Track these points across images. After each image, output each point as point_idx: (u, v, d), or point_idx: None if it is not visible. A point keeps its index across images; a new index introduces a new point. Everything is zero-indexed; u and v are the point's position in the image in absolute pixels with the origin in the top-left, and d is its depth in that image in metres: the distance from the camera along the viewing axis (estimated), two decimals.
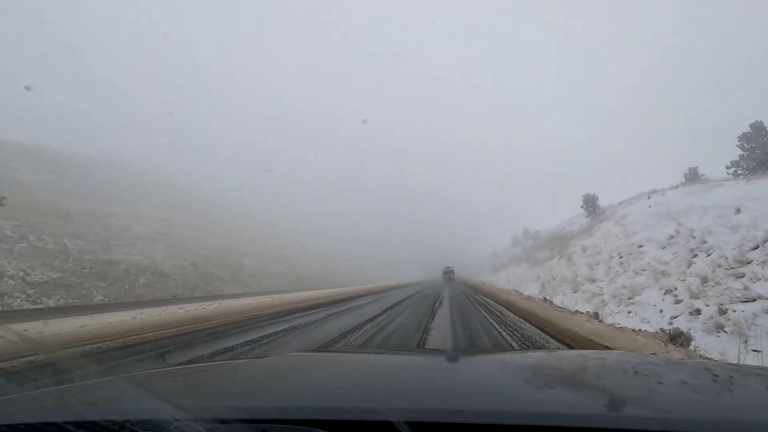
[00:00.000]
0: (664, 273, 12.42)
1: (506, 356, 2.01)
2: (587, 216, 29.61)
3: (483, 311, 10.12)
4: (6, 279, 12.69)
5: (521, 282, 25.69)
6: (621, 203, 27.53)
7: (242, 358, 4.12)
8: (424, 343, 5.79)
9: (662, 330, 6.11)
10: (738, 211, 13.11)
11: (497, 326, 7.32)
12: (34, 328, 6.33)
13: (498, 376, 1.42)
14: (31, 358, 4.34)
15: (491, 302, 12.85)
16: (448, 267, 54.54)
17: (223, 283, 24.70)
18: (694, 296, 9.71)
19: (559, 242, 28.34)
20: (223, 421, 0.76)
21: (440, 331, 6.77)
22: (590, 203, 29.49)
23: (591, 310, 10.38)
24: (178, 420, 0.75)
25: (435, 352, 4.26)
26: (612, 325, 7.55)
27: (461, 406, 0.93)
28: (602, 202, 29.89)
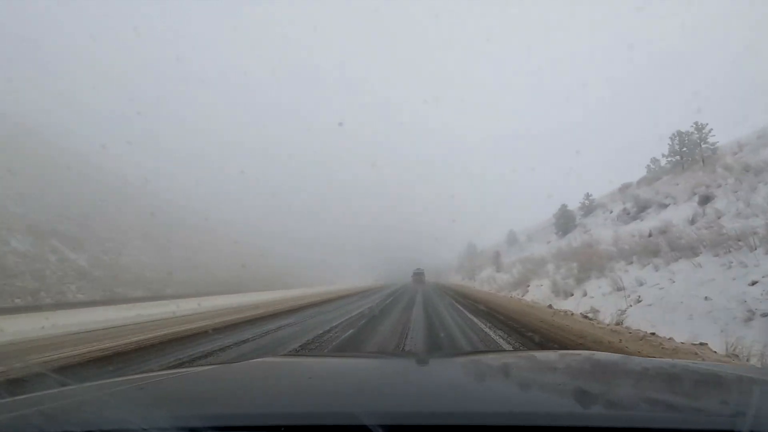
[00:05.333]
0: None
1: (480, 358, 2.04)
2: None
3: None
4: None
5: None
6: None
7: (212, 364, 4.01)
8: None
9: None
10: None
11: None
12: None
13: (472, 378, 1.44)
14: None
15: None
16: (418, 269, 54.50)
17: None
18: None
19: None
20: (193, 430, 0.74)
21: None
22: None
23: None
24: (144, 429, 0.72)
25: (410, 354, 4.28)
26: None
27: (436, 408, 0.94)
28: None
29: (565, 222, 29.32)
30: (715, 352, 4.85)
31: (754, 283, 6.90)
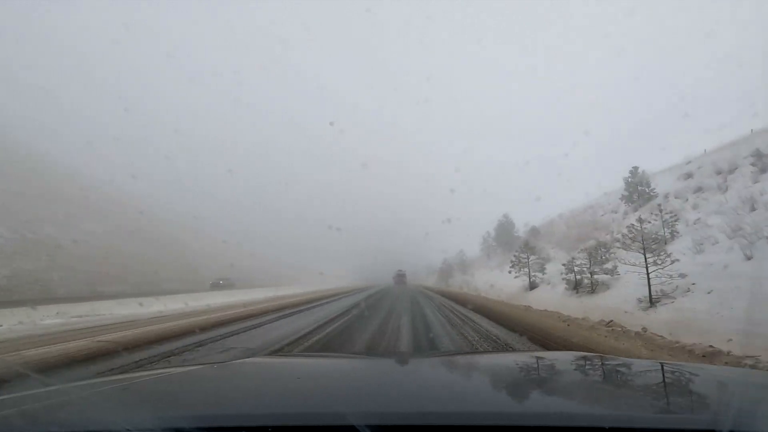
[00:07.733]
0: None
1: (468, 358, 2.06)
2: None
3: None
4: None
5: None
6: None
7: (200, 364, 3.96)
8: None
9: None
10: None
11: None
12: None
13: (460, 378, 1.45)
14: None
15: None
16: (400, 270, 55.94)
17: None
18: None
19: None
20: (178, 431, 0.73)
21: None
22: None
23: None
24: (128, 430, 0.71)
25: (398, 355, 4.28)
26: None
27: (424, 408, 0.94)
28: None
29: None
30: None
31: None
